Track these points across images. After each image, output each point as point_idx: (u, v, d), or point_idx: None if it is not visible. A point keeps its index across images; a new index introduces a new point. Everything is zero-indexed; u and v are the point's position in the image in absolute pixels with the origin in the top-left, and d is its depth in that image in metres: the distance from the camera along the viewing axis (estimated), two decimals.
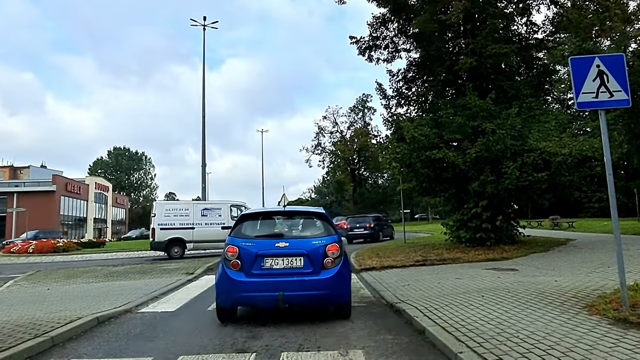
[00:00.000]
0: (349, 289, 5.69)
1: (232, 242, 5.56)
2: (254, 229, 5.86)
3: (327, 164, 63.63)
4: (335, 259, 5.47)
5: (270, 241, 5.53)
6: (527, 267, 9.30)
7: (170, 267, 11.96)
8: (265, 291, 5.24)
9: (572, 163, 11.51)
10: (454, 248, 12.99)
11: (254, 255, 5.37)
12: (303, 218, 6.23)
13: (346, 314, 5.72)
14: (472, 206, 12.37)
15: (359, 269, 10.64)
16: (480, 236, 12.43)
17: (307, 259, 5.40)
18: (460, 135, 12.38)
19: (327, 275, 5.36)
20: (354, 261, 12.18)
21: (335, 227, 6.01)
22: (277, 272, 5.35)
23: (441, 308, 5.68)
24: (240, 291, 5.27)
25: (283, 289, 5.21)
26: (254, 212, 6.28)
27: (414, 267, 10.53)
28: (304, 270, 5.36)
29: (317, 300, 5.42)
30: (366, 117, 64.07)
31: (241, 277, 5.31)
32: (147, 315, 6.30)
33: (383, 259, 11.89)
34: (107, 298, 7.56)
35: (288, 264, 5.39)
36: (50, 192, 52.72)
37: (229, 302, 5.44)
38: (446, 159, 11.87)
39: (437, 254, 12.17)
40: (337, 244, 5.58)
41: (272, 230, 5.90)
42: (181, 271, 11.09)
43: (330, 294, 5.40)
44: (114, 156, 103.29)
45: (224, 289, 5.40)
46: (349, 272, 5.88)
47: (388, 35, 14.46)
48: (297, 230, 6.02)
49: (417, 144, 12.26)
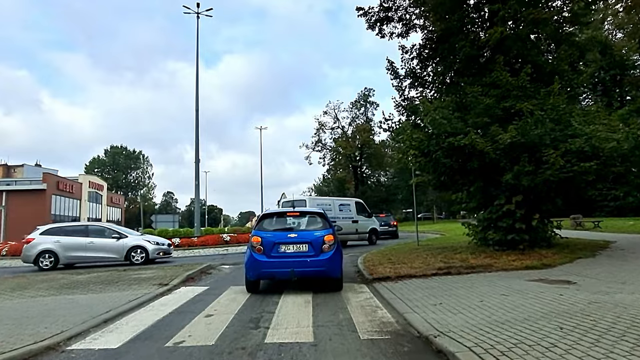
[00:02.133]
0: (340, 268, 7.77)
1: (257, 234, 7.67)
2: (272, 224, 7.95)
3: (328, 161, 61.39)
4: (331, 245, 7.52)
5: (284, 233, 7.65)
6: (586, 279, 7.36)
7: (143, 276, 10.01)
8: (281, 268, 7.34)
9: (626, 151, 9.55)
10: (479, 252, 11.03)
11: (272, 243, 7.47)
12: (307, 216, 8.29)
13: (338, 286, 7.77)
14: (504, 202, 10.42)
15: (370, 279, 8.72)
16: (512, 238, 10.49)
17: (310, 246, 7.46)
18: (488, 118, 10.43)
19: (325, 257, 7.42)
20: (362, 267, 10.27)
21: (330, 223, 8.06)
22: (289, 255, 7.42)
23: (509, 351, 3.75)
24: (263, 268, 7.41)
25: (294, 266, 7.30)
26: (271, 212, 8.41)
27: (438, 277, 8.60)
28: (308, 253, 7.43)
29: (317, 274, 7.48)
30: (368, 112, 62.04)
31: (263, 258, 7.44)
32: (74, 357, 4.36)
33: (398, 266, 9.97)
34: (42, 322, 5.64)
35: (297, 249, 7.46)
36: (40, 191, 50.72)
37: (254, 276, 7.61)
38: (473, 147, 9.93)
39: (461, 260, 10.23)
40: (332, 235, 7.63)
41: (285, 225, 7.99)
42: (154, 281, 9.16)
43: (326, 271, 7.46)
44: (111, 155, 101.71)
45: (252, 267, 7.53)
46: (341, 256, 7.93)
47: (402, 4, 12.49)
48: (303, 225, 8.09)
49: (438, 129, 10.31)
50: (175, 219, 41.29)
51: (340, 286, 7.72)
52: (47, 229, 14.55)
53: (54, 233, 14.16)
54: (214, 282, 9.45)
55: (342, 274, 7.84)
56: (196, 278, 9.93)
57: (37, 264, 13.68)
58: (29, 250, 13.85)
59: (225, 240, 22.84)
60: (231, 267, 12.17)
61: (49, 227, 14.78)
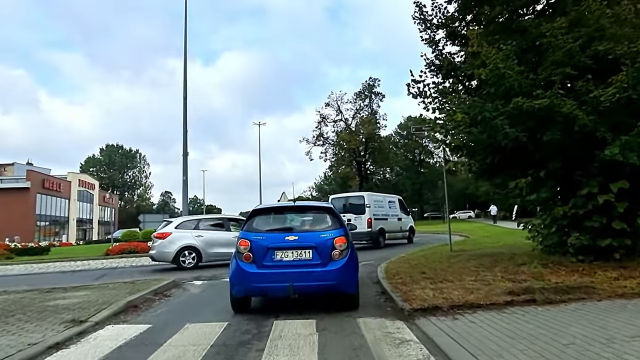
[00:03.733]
0: (356, 281, 5.90)
1: (245, 236, 5.82)
2: (265, 224, 6.10)
3: (330, 157, 57.71)
4: (343, 251, 5.68)
5: (281, 235, 5.79)
6: None
7: (62, 303, 6.65)
8: (276, 282, 5.54)
9: None
10: (554, 264, 7.72)
11: (265, 248, 5.65)
12: (312, 212, 6.46)
13: (353, 305, 5.86)
14: (596, 192, 7.12)
15: (408, 309, 5.49)
16: (609, 245, 7.19)
17: (315, 252, 5.65)
18: (571, 69, 7.13)
19: (335, 267, 5.59)
20: (389, 286, 7.04)
21: (342, 221, 6.18)
22: (287, 264, 5.62)
23: None
24: (253, 282, 5.59)
25: (293, 279, 5.47)
26: (264, 207, 6.53)
27: (518, 309, 5.34)
28: (313, 262, 5.62)
29: (325, 290, 5.65)
30: (373, 103, 58.44)
31: (253, 269, 5.60)
32: None
33: (441, 286, 6.71)
34: None
35: (297, 256, 5.65)
36: (24, 190, 47.54)
37: (241, 292, 5.76)
38: (554, 110, 6.66)
39: (533, 275, 6.95)
40: (344, 237, 5.78)
41: (282, 224, 6.13)
42: (70, 313, 5.86)
43: (337, 285, 5.61)
44: (107, 153, 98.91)
45: (238, 280, 5.71)
46: (356, 265, 6.05)
47: None
48: (306, 224, 6.26)
49: (499, 85, 7.05)
50: (166, 219, 37.88)
51: (356, 304, 5.91)
52: (181, 221, 12.91)
53: (190, 227, 12.59)
54: (165, 314, 6.17)
55: (358, 288, 6.00)
56: (141, 306, 6.60)
57: (177, 262, 12.10)
58: (167, 246, 12.22)
59: None
60: (205, 283, 8.93)
61: (183, 220, 13.12)
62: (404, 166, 67.47)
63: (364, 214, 16.71)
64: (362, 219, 16.40)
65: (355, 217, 16.16)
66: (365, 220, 16.60)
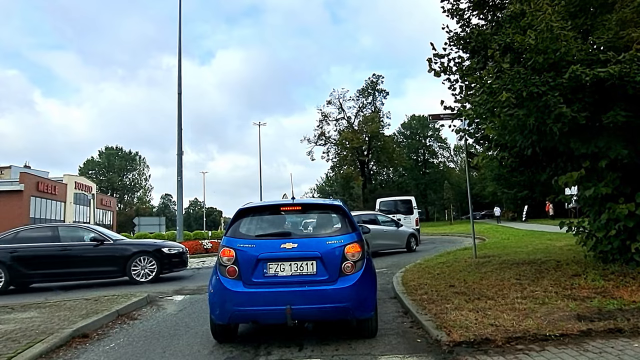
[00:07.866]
0: (374, 302, 4.47)
1: (228, 244, 4.44)
2: (255, 227, 4.71)
3: (332, 156, 56.11)
4: (356, 262, 4.34)
5: (275, 241, 4.39)
6: None
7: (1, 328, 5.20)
8: (269, 305, 4.17)
9: None
10: (616, 275, 6.22)
11: (255, 260, 4.29)
12: (315, 212, 5.07)
13: (371, 330, 4.53)
14: None
15: (448, 343, 4.03)
16: None
17: (320, 264, 4.29)
18: (634, 31, 5.67)
19: (347, 284, 4.23)
20: (414, 307, 5.56)
21: (355, 223, 4.69)
22: (283, 281, 4.26)
23: None
24: (238, 305, 4.20)
25: (291, 301, 4.12)
26: (254, 205, 4.88)
27: (603, 342, 3.88)
28: (318, 277, 4.26)
29: (333, 315, 4.31)
30: (377, 101, 56.79)
31: (239, 288, 4.24)
32: None
33: (481, 305, 5.24)
34: None
35: (297, 270, 4.29)
36: (17, 192, 46.21)
37: (224, 318, 4.30)
38: (624, 80, 5.20)
39: (596, 291, 5.48)
40: (358, 244, 4.42)
41: (277, 228, 4.74)
42: None
43: (349, 308, 4.21)
44: (106, 156, 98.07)
45: (219, 301, 4.31)
46: (374, 280, 4.60)
47: None
48: (308, 227, 5.31)
49: (553, 53, 5.59)
50: (162, 222, 36.45)
51: (373, 330, 4.56)
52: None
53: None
54: (119, 350, 4.65)
55: (376, 309, 4.58)
56: (93, 336, 5.07)
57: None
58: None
59: (206, 247, 18.02)
60: (187, 299, 7.44)
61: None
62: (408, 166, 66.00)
63: (412, 214, 18.24)
64: (410, 219, 17.69)
65: (404, 217, 17.39)
66: (414, 220, 17.94)
